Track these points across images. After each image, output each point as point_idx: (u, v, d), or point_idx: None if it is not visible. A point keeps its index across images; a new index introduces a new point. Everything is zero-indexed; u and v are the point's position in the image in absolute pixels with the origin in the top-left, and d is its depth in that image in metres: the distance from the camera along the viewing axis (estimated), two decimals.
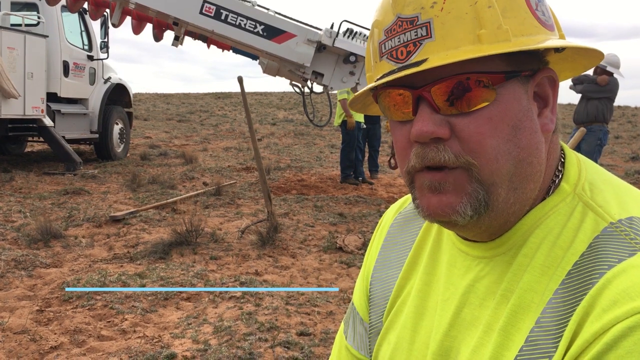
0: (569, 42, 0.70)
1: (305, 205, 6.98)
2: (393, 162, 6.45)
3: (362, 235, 5.42)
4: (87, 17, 9.81)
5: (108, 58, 10.83)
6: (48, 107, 9.31)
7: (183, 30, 6.19)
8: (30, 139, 11.01)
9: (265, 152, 12.76)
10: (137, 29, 6.42)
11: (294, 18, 6.30)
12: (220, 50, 6.77)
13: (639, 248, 0.65)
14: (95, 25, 10.51)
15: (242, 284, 4.03)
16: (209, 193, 7.48)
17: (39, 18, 9.35)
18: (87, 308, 3.63)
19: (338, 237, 5.39)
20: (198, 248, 4.97)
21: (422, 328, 0.82)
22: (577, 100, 7.60)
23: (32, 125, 9.13)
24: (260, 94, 33.97)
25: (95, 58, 10.64)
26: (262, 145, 13.77)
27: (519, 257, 0.72)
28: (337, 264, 4.72)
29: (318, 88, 6.52)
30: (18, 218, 5.81)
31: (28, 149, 11.91)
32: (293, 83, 6.57)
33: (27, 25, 9.25)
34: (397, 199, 1.05)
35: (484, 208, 0.69)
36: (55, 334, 3.25)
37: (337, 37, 6.11)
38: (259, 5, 6.22)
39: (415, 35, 0.67)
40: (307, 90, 6.51)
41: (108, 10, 6.48)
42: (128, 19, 6.38)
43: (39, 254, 4.67)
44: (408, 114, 0.71)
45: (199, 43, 6.59)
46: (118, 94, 11.28)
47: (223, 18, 6.00)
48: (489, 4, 0.66)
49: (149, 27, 6.40)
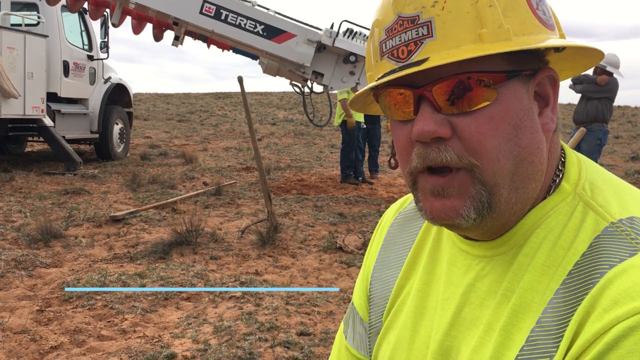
0: (570, 41, 0.70)
1: (305, 205, 6.98)
2: (393, 162, 6.45)
3: (362, 235, 5.42)
4: (87, 17, 9.82)
5: (108, 58, 10.83)
6: (48, 107, 9.31)
7: (183, 30, 6.19)
8: (30, 139, 11.02)
9: (265, 152, 12.76)
10: (137, 29, 6.42)
11: (294, 18, 6.31)
12: (220, 50, 6.77)
13: None
14: (95, 25, 10.52)
15: (242, 284, 4.03)
16: (209, 193, 7.48)
17: (39, 18, 9.35)
18: (87, 308, 3.63)
19: (338, 237, 5.39)
20: (198, 248, 4.97)
21: (422, 328, 0.82)
22: (577, 100, 7.59)
23: (32, 125, 9.13)
24: (260, 94, 33.97)
25: (95, 58, 10.64)
26: (262, 145, 13.76)
27: (520, 256, 0.72)
28: (337, 264, 4.72)
29: (318, 88, 6.52)
30: (18, 218, 5.81)
31: (28, 149, 11.91)
32: (293, 83, 6.57)
33: (27, 25, 9.25)
34: (397, 199, 1.05)
35: (487, 210, 0.69)
36: (55, 334, 3.25)
37: (337, 37, 6.11)
38: (259, 5, 6.22)
39: (416, 35, 0.67)
40: (307, 90, 6.51)
41: (108, 10, 6.48)
42: (128, 19, 6.38)
43: (39, 254, 4.67)
44: (409, 114, 0.71)
45: (199, 43, 6.59)
46: (118, 94, 11.28)
47: (223, 18, 6.00)
48: (490, 3, 0.66)
49: (149, 27, 6.40)
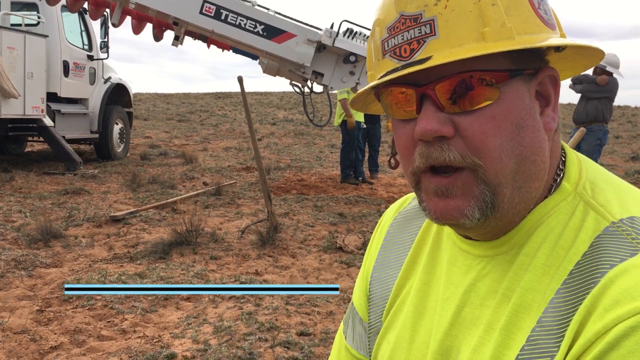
0: (572, 40, 0.70)
1: (305, 205, 6.98)
2: (393, 162, 6.44)
3: (362, 235, 5.42)
4: (87, 17, 9.81)
5: (108, 58, 10.83)
6: (48, 107, 9.31)
7: (183, 30, 6.19)
8: (30, 139, 11.02)
9: (265, 152, 12.76)
10: (137, 29, 6.42)
11: (294, 18, 6.31)
12: (220, 50, 6.77)
13: None
14: (95, 25, 10.52)
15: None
16: (209, 193, 7.48)
17: (39, 18, 9.35)
18: (87, 308, 3.63)
19: (338, 237, 5.39)
20: (198, 248, 4.97)
21: (421, 327, 0.82)
22: (577, 100, 7.59)
23: (32, 125, 9.13)
24: (260, 94, 33.97)
25: (95, 58, 10.64)
26: (262, 145, 13.76)
27: (521, 256, 0.72)
28: (337, 264, 4.72)
29: (318, 88, 6.52)
30: (18, 218, 5.81)
31: (28, 149, 11.91)
32: (293, 83, 6.57)
33: (27, 25, 9.25)
34: (397, 199, 1.04)
35: (491, 210, 0.69)
36: (55, 334, 3.25)
37: (337, 37, 6.11)
38: (259, 5, 6.22)
39: (419, 33, 0.67)
40: (307, 90, 6.51)
41: (108, 10, 6.48)
42: (128, 19, 6.38)
43: (39, 254, 4.66)
44: (411, 112, 0.71)
45: (199, 43, 6.59)
46: (118, 94, 11.27)
47: (223, 18, 6.00)
48: (493, 2, 0.66)
49: (149, 27, 6.40)
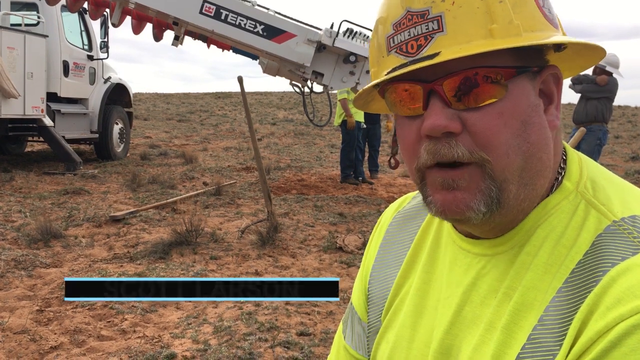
0: (577, 39, 0.71)
1: (305, 205, 6.98)
2: (393, 162, 6.43)
3: (362, 235, 5.42)
4: (87, 16, 9.81)
5: (108, 58, 10.83)
6: (48, 107, 9.31)
7: (183, 30, 6.19)
8: (30, 139, 11.01)
9: (265, 152, 12.76)
10: (137, 29, 6.42)
11: (294, 18, 6.31)
12: (220, 50, 6.77)
13: None
14: (95, 25, 10.52)
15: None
16: (209, 193, 7.48)
17: (39, 18, 9.35)
18: (87, 308, 3.63)
19: (338, 237, 5.39)
20: (198, 248, 4.97)
21: (421, 326, 0.82)
22: (576, 100, 7.60)
23: (32, 125, 9.13)
24: (260, 94, 33.97)
25: (95, 58, 10.64)
26: (262, 145, 13.76)
27: (522, 255, 0.72)
28: (337, 264, 4.72)
29: (318, 88, 6.52)
30: (18, 218, 5.81)
31: (28, 149, 11.90)
32: (293, 83, 6.57)
33: (27, 25, 9.24)
34: (397, 199, 1.04)
35: (496, 205, 0.69)
36: (55, 334, 3.25)
37: (337, 37, 6.11)
38: (259, 5, 6.22)
39: (427, 29, 0.67)
40: (307, 90, 6.51)
41: (108, 10, 6.48)
42: (128, 19, 6.38)
43: (39, 254, 4.66)
44: (415, 109, 0.71)
45: (199, 43, 6.59)
46: (118, 94, 11.27)
47: (223, 18, 6.00)
48: None
49: (149, 27, 6.40)
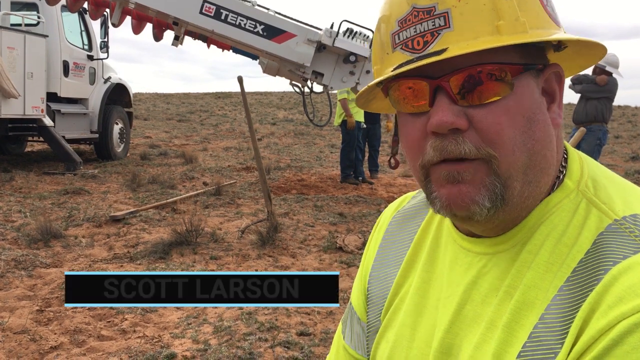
0: (581, 37, 0.71)
1: (305, 205, 6.98)
2: (393, 162, 6.42)
3: (362, 235, 5.42)
4: (87, 16, 9.81)
5: (108, 58, 10.83)
6: (48, 106, 9.31)
7: (183, 30, 6.19)
8: (30, 139, 11.01)
9: (265, 151, 12.76)
10: (137, 29, 6.42)
11: (294, 18, 6.31)
12: (220, 50, 6.77)
13: None
14: (95, 25, 10.52)
15: None
16: (209, 193, 7.48)
17: (39, 18, 9.35)
18: (87, 308, 3.62)
19: (338, 237, 5.39)
20: (198, 248, 4.97)
21: (422, 326, 0.82)
22: (576, 100, 7.60)
23: (32, 125, 9.13)
24: (260, 94, 33.98)
25: (95, 58, 10.64)
26: (262, 145, 13.76)
27: (523, 253, 0.72)
28: (337, 264, 4.72)
29: (318, 88, 6.52)
30: (18, 218, 5.81)
31: (28, 149, 11.90)
32: (293, 83, 6.57)
33: (27, 25, 9.25)
34: (396, 199, 1.04)
35: (501, 202, 0.69)
36: (55, 334, 3.25)
37: (337, 36, 6.11)
38: (259, 5, 6.22)
39: (433, 25, 0.67)
40: (307, 90, 6.51)
41: (108, 10, 6.48)
42: (128, 19, 6.38)
43: (39, 254, 4.66)
44: (420, 106, 0.70)
45: (199, 43, 6.59)
46: (118, 94, 11.28)
47: (223, 18, 6.00)
48: None
49: (149, 27, 6.40)
